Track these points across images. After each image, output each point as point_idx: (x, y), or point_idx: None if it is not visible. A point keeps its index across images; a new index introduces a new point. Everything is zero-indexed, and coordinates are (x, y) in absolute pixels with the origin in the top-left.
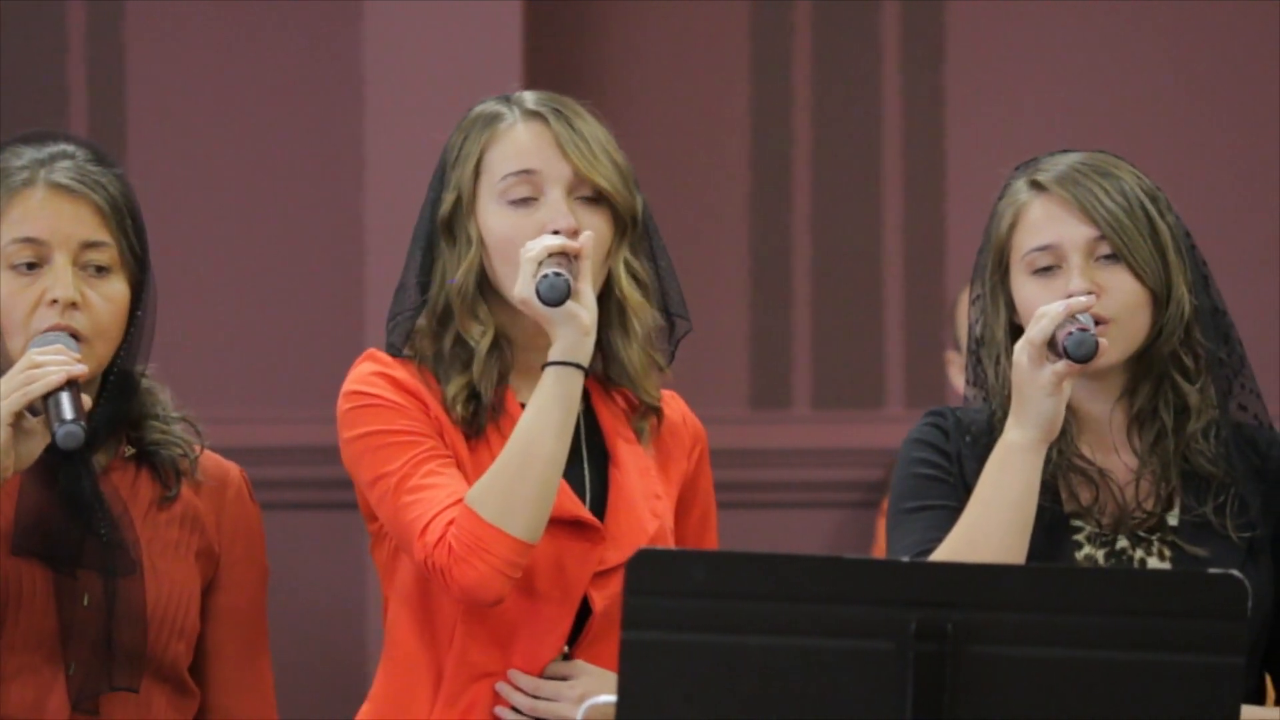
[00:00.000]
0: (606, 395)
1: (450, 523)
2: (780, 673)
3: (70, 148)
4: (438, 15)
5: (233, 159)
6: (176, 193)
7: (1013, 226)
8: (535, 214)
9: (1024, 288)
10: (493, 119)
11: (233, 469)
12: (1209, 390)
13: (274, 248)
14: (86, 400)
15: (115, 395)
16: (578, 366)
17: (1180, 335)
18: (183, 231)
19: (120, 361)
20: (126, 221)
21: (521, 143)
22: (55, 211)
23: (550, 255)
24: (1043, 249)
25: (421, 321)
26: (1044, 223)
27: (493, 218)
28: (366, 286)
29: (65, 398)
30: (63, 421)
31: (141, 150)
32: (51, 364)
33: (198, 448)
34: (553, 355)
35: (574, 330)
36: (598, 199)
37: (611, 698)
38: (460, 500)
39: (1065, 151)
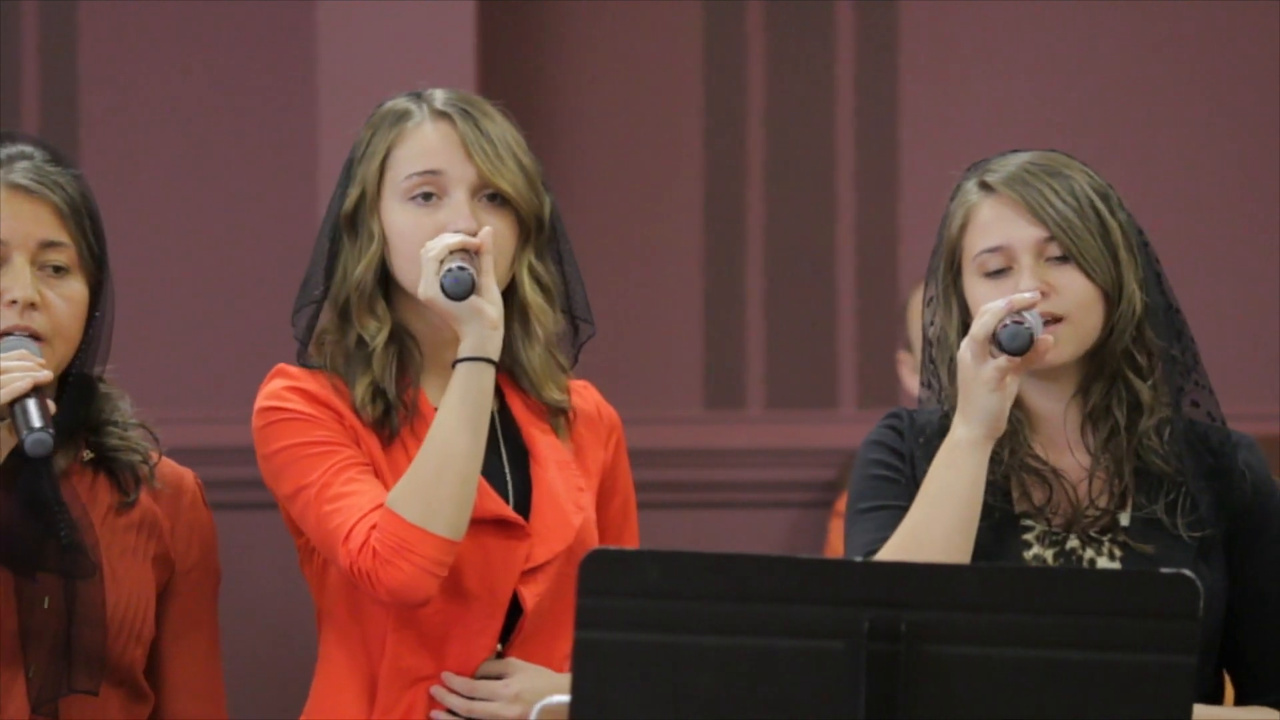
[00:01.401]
0: (520, 392)
1: (373, 527)
2: (734, 673)
3: (28, 148)
4: (391, 16)
5: (186, 160)
6: (129, 193)
7: (963, 228)
8: (437, 213)
9: (975, 289)
10: (401, 116)
11: (188, 475)
12: (1161, 387)
13: (227, 248)
14: (51, 406)
15: (74, 398)
16: (488, 361)
17: (1132, 333)
18: (135, 232)
19: (79, 363)
20: (85, 222)
21: (427, 143)
22: (14, 212)
23: (452, 252)
24: (993, 250)
25: (325, 319)
26: (994, 224)
27: (395, 215)
28: None
29: (32, 404)
30: (31, 429)
31: (94, 151)
32: (16, 370)
33: (155, 454)
34: (462, 351)
35: (481, 325)
36: (502, 201)
37: (564, 698)
38: (381, 504)
39: (1016, 151)
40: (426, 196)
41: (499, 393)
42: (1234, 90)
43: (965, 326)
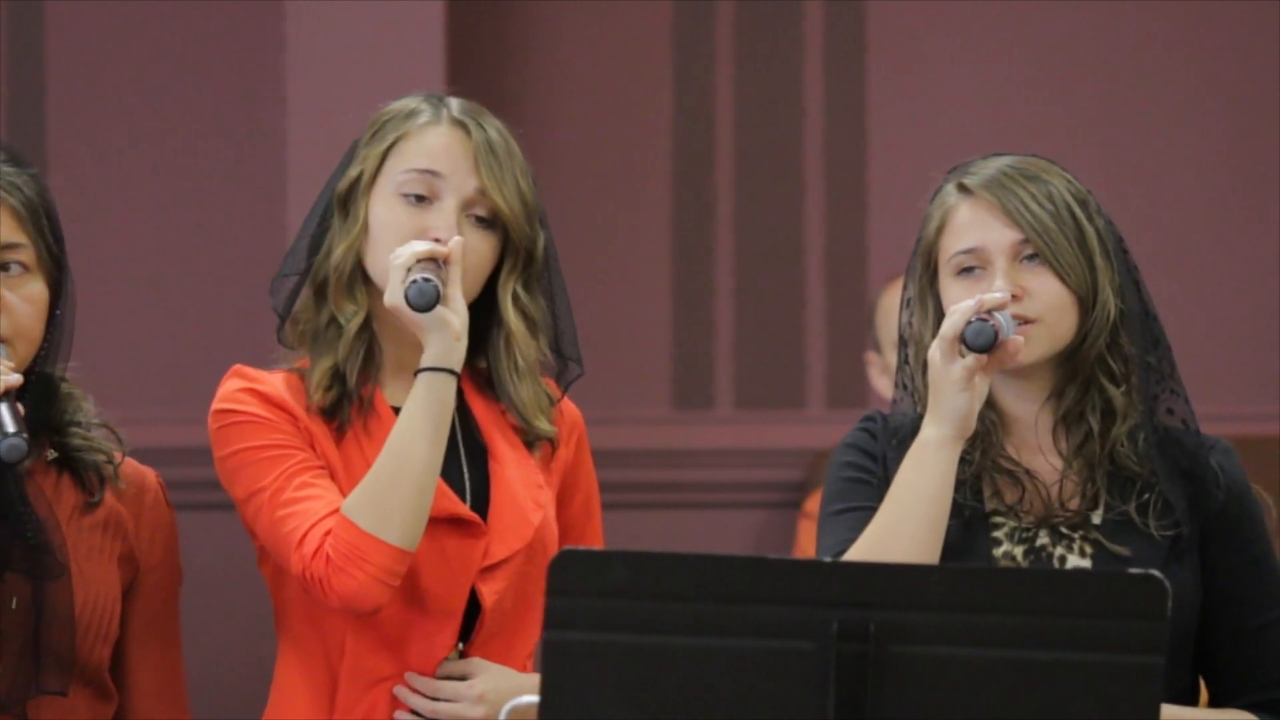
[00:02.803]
0: (482, 393)
1: (327, 533)
2: (703, 673)
3: None
4: (359, 16)
5: (153, 161)
6: (95, 194)
7: (940, 229)
8: (422, 216)
9: (950, 289)
10: (415, 113)
11: (150, 474)
12: (1135, 394)
13: (195, 249)
14: (21, 409)
15: (37, 398)
16: (450, 372)
17: (1106, 339)
18: (100, 233)
19: (40, 363)
20: (43, 222)
21: (436, 144)
22: None
23: (419, 261)
24: (968, 252)
25: (303, 298)
26: (970, 226)
27: (382, 205)
28: None
29: (4, 409)
30: (5, 435)
31: (60, 151)
32: None
33: (119, 454)
34: (424, 361)
35: (445, 336)
36: (492, 223)
37: (533, 698)
38: (336, 510)
39: (997, 155)
40: (419, 198)
41: (459, 392)
42: (1215, 87)
43: (940, 327)
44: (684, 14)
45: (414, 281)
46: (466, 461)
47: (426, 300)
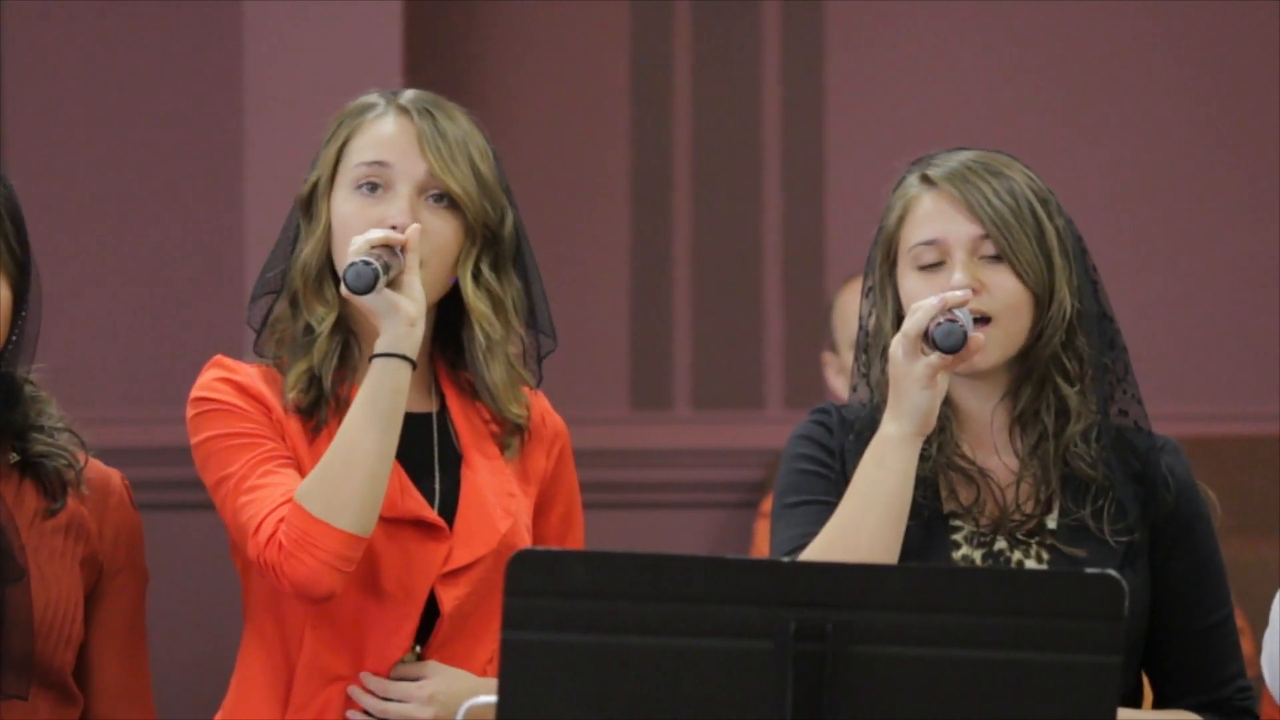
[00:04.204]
0: (468, 402)
1: (281, 520)
2: (661, 673)
3: None
4: (317, 15)
5: (114, 160)
6: (56, 194)
7: (901, 220)
8: (377, 206)
9: (908, 280)
10: (367, 108)
11: (114, 476)
12: (1090, 394)
13: (155, 248)
14: None
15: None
16: (403, 358)
17: (1062, 338)
18: (63, 232)
19: (3, 365)
20: (5, 224)
21: (383, 134)
22: None
23: (374, 247)
24: (928, 244)
25: (280, 307)
26: (931, 218)
27: (341, 202)
28: (248, 286)
29: None
30: None
31: (20, 151)
32: None
33: (83, 457)
34: (378, 347)
35: (398, 321)
36: (450, 203)
37: (491, 699)
38: (292, 498)
39: (961, 149)
40: (372, 187)
41: (439, 394)
42: (1199, 85)
43: (899, 319)
44: (641, 13)
45: (352, 265)
46: (439, 467)
47: (364, 283)
